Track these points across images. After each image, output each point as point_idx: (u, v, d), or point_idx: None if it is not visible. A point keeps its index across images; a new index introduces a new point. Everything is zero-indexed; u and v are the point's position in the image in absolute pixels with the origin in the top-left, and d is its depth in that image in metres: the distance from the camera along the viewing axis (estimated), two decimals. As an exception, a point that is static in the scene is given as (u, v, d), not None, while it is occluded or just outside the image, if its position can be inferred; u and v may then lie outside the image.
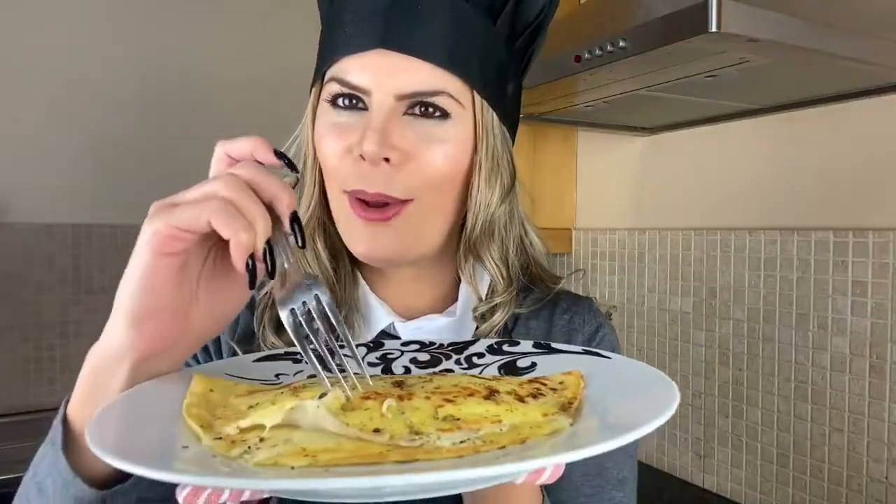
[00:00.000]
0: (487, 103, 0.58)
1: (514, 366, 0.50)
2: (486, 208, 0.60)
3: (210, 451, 0.35)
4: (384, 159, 0.54)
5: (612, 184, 1.82)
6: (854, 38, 1.00)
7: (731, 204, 1.49)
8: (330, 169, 0.58)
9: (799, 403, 1.33)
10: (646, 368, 0.44)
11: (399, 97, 0.55)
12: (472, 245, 0.62)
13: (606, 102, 1.34)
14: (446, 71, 0.56)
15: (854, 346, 1.24)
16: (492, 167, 0.60)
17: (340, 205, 0.58)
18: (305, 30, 0.82)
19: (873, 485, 1.20)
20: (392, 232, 0.57)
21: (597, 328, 0.68)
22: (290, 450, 0.34)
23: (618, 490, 0.62)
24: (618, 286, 1.79)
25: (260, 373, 0.50)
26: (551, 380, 0.45)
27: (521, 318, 0.66)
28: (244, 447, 0.35)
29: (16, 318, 1.91)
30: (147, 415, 0.40)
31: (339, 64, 0.57)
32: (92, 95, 2.03)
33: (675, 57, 1.01)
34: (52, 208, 1.97)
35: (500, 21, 0.59)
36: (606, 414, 0.39)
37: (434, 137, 0.56)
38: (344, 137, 0.57)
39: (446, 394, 0.40)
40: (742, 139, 1.46)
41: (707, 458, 1.54)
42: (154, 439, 0.37)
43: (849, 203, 1.26)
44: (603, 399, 0.41)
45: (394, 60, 0.55)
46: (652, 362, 1.66)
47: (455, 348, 0.54)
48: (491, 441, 0.35)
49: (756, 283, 1.42)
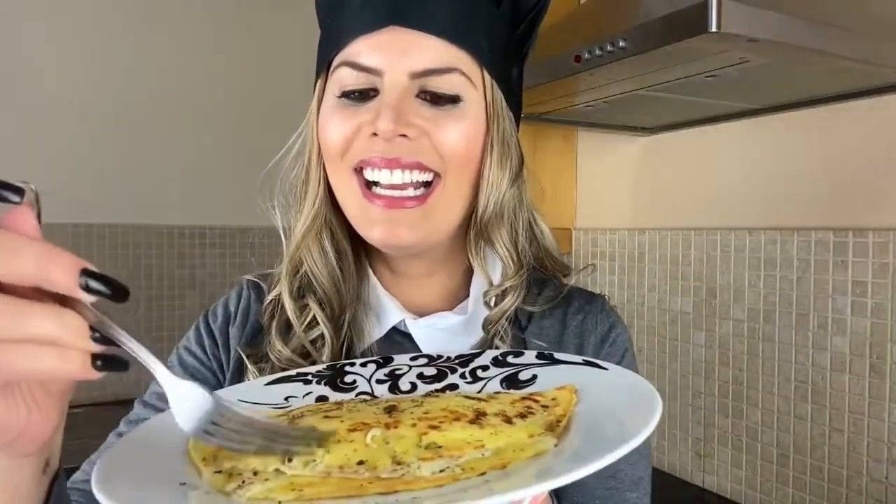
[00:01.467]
0: (496, 83, 0.59)
1: (515, 378, 0.51)
2: (497, 190, 0.60)
3: (206, 488, 0.36)
4: (401, 136, 0.54)
5: (612, 184, 1.82)
6: (854, 38, 1.00)
7: (731, 204, 1.49)
8: (336, 150, 0.57)
9: (799, 403, 1.33)
10: (639, 381, 0.44)
11: (413, 75, 0.55)
12: (484, 227, 0.62)
13: (606, 102, 1.34)
14: (457, 47, 0.56)
15: (854, 346, 1.24)
16: (502, 149, 0.60)
17: (351, 190, 0.57)
18: (294, 35, 0.82)
19: (873, 485, 1.20)
20: (412, 217, 0.56)
21: (609, 328, 0.67)
22: (279, 484, 0.35)
23: (632, 491, 0.62)
24: (618, 286, 1.78)
25: (271, 397, 0.51)
26: (545, 396, 0.46)
27: (534, 317, 0.66)
28: (239, 481, 0.36)
29: (16, 318, 1.91)
30: (150, 452, 0.40)
31: (348, 47, 0.57)
32: (91, 97, 2.04)
33: (675, 57, 1.01)
34: (51, 208, 1.97)
35: (504, 6, 0.60)
36: (590, 434, 0.40)
37: (449, 115, 0.56)
38: (353, 118, 0.56)
39: (433, 419, 0.40)
40: (742, 139, 1.46)
41: (707, 458, 1.54)
42: (155, 480, 0.37)
43: (849, 203, 1.26)
44: (591, 416, 0.42)
45: (406, 38, 0.55)
46: (652, 362, 1.67)
47: (461, 361, 0.54)
48: (471, 468, 0.36)
49: (756, 283, 1.42)
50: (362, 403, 0.46)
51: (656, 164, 1.70)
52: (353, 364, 0.53)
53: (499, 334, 0.62)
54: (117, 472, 0.36)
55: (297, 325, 0.61)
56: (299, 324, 0.61)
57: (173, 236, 2.18)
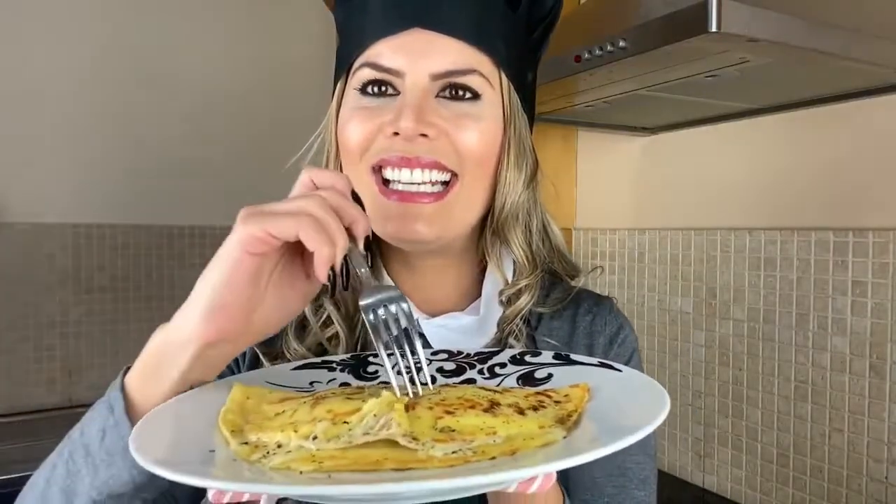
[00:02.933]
0: (513, 86, 0.61)
1: (531, 376, 0.53)
2: (514, 191, 0.63)
3: (233, 455, 0.40)
4: (422, 136, 0.56)
5: (612, 184, 1.82)
6: (854, 38, 1.00)
7: (731, 204, 1.49)
8: (356, 148, 0.59)
9: (799, 403, 1.33)
10: (649, 382, 0.46)
11: (434, 76, 0.57)
12: (500, 227, 0.64)
13: (606, 102, 1.34)
14: (476, 49, 0.58)
15: (854, 346, 1.24)
16: (519, 151, 0.62)
17: (368, 186, 0.59)
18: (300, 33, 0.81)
19: (873, 485, 1.20)
20: (429, 213, 0.58)
21: (618, 329, 0.69)
22: (301, 455, 0.38)
23: (639, 489, 0.64)
24: (618, 286, 1.78)
25: (297, 380, 0.55)
26: (558, 392, 0.47)
27: (544, 318, 0.67)
28: (263, 452, 0.40)
29: (16, 318, 1.91)
30: (185, 422, 0.44)
31: (370, 49, 0.59)
32: (91, 97, 2.03)
33: (675, 57, 1.01)
34: (52, 208, 1.97)
35: (520, 11, 0.62)
36: (599, 426, 0.42)
37: (469, 116, 0.58)
38: (374, 118, 0.58)
39: (448, 405, 0.43)
40: (742, 139, 1.46)
41: (707, 458, 1.54)
42: (187, 444, 0.41)
43: (849, 203, 1.26)
44: (603, 411, 0.44)
45: (427, 39, 0.57)
46: (652, 362, 1.67)
47: (480, 358, 0.56)
48: (482, 452, 0.38)
49: (756, 283, 1.42)
50: (383, 389, 0.48)
51: (656, 164, 1.70)
52: (377, 355, 0.55)
53: (513, 333, 0.63)
54: (151, 437, 0.40)
55: (314, 322, 0.63)
56: (315, 321, 0.63)
57: (173, 236, 2.17)
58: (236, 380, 0.51)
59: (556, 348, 0.64)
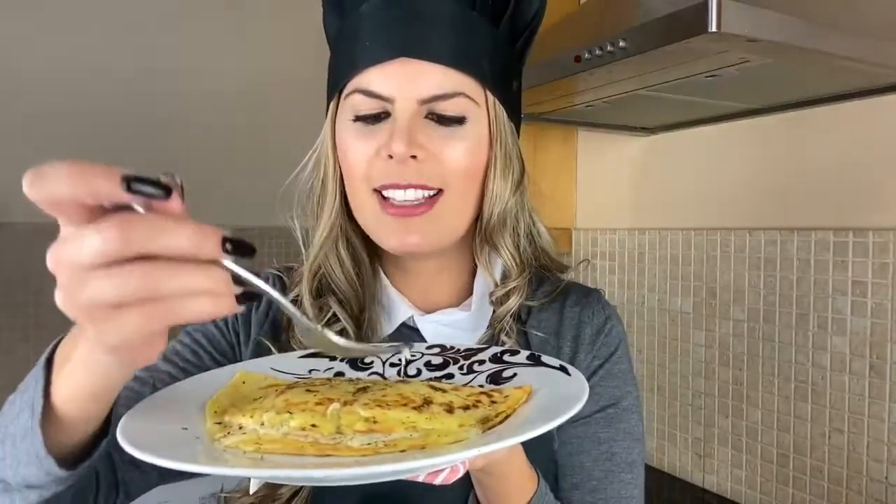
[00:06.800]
0: (498, 101, 0.63)
1: (499, 375, 0.56)
2: (501, 200, 0.65)
3: (199, 433, 0.43)
4: (412, 157, 0.59)
5: (612, 184, 1.82)
6: (854, 38, 1.00)
7: (731, 204, 1.49)
8: (359, 172, 0.62)
9: (799, 403, 1.33)
10: (582, 386, 0.47)
11: (421, 101, 0.60)
12: (488, 234, 0.67)
13: (606, 102, 1.34)
14: (462, 73, 0.61)
15: (854, 346, 1.24)
16: (505, 162, 0.65)
17: (370, 205, 0.62)
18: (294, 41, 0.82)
19: (873, 485, 1.20)
20: (421, 224, 0.61)
21: (605, 320, 0.72)
22: (250, 438, 0.42)
23: (626, 472, 0.67)
24: (618, 286, 1.78)
25: (298, 368, 0.58)
26: (501, 392, 0.50)
27: (533, 311, 0.71)
28: (226, 431, 0.43)
29: (16, 318, 1.91)
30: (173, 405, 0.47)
31: (359, 76, 0.61)
32: (92, 99, 2.04)
33: (675, 57, 1.01)
34: (52, 208, 1.97)
35: (502, 25, 0.64)
36: (511, 426, 0.44)
37: (455, 136, 0.61)
38: (371, 141, 0.61)
39: (384, 402, 0.46)
40: (742, 139, 1.46)
41: (707, 458, 1.54)
42: (166, 424, 0.43)
43: (849, 203, 1.26)
44: (526, 414, 0.46)
45: (414, 67, 0.60)
46: (652, 362, 1.67)
47: (466, 354, 0.60)
48: (394, 444, 0.42)
49: (756, 283, 1.42)
50: (346, 382, 0.52)
51: (656, 164, 1.69)
52: None
53: (504, 330, 0.67)
54: (139, 419, 0.43)
55: (319, 321, 0.65)
56: (321, 318, 0.66)
57: (173, 236, 2.17)
58: (243, 367, 0.55)
59: (544, 340, 0.69)
